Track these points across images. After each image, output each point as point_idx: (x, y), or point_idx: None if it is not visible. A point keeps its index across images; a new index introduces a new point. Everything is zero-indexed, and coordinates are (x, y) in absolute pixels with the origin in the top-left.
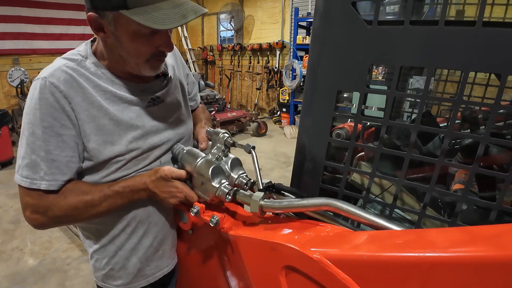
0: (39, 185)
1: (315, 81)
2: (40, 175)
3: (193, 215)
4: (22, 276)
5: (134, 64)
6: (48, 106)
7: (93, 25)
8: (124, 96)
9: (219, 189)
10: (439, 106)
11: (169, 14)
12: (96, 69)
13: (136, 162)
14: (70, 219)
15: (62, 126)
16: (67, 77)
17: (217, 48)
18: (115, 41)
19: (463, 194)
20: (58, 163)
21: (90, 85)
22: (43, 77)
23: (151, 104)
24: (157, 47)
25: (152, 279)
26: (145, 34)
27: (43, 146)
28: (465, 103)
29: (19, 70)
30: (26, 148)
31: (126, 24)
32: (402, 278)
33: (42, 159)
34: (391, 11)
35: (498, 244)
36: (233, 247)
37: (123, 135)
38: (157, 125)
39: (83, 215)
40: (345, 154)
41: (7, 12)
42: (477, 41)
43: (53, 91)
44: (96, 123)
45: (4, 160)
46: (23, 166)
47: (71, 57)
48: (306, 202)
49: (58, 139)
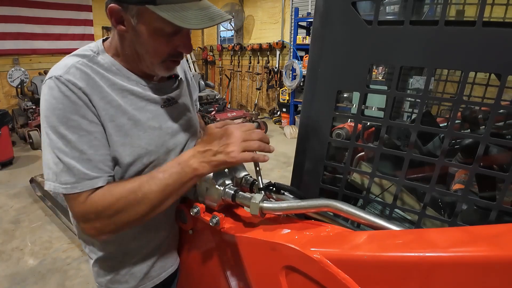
0: (82, 188)
1: (315, 81)
2: (80, 177)
3: (193, 215)
4: (22, 276)
5: (149, 63)
6: (71, 104)
7: (114, 17)
8: (141, 94)
9: (224, 192)
10: (439, 106)
11: (197, 15)
12: (110, 65)
13: (153, 168)
14: (125, 214)
15: (90, 123)
16: (82, 74)
17: (217, 48)
18: (134, 36)
19: (463, 194)
20: (95, 163)
21: (105, 83)
22: (58, 75)
23: (166, 105)
24: (176, 47)
25: (158, 280)
26: (166, 33)
27: (75, 146)
28: (465, 103)
29: (19, 70)
30: (56, 153)
31: (150, 20)
32: (402, 278)
33: (78, 160)
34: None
35: (498, 244)
36: (233, 247)
37: (142, 136)
38: (172, 127)
39: (137, 207)
40: (345, 154)
41: (7, 12)
42: (477, 41)
43: (72, 88)
44: (115, 123)
45: (4, 160)
46: (59, 173)
47: (82, 54)
48: (306, 204)
49: (90, 137)
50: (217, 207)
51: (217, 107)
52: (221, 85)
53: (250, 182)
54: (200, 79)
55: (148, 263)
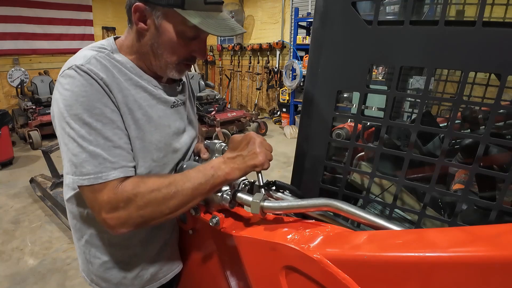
0: (107, 177)
1: (315, 81)
2: (106, 165)
3: (193, 215)
4: (22, 276)
5: (164, 63)
6: (95, 92)
7: (138, 14)
8: (153, 92)
9: (221, 197)
10: (439, 106)
11: (220, 24)
12: (124, 62)
13: (162, 166)
14: (155, 208)
15: (112, 111)
16: (102, 66)
17: (217, 48)
18: (155, 36)
19: (463, 194)
20: (120, 150)
21: (123, 77)
22: (80, 64)
23: (175, 105)
24: (192, 52)
25: (164, 280)
26: (187, 37)
27: (100, 134)
28: (465, 103)
29: (19, 70)
30: (79, 142)
31: (175, 23)
32: (402, 278)
33: (103, 148)
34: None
35: (498, 244)
36: (233, 247)
37: (154, 132)
38: (179, 127)
39: (169, 202)
40: (345, 154)
41: (7, 12)
42: (477, 41)
43: (95, 77)
44: (131, 116)
45: (4, 160)
46: (81, 163)
47: (99, 48)
48: (306, 203)
49: (113, 125)
50: (214, 212)
51: (217, 107)
52: (221, 85)
53: (249, 185)
54: (200, 79)
55: (154, 264)
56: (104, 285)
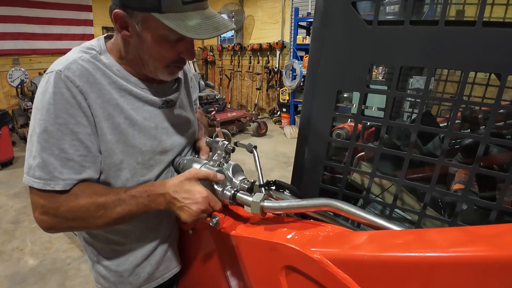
0: (54, 186)
1: (315, 81)
2: (54, 175)
3: None
4: (22, 276)
5: (152, 67)
6: (64, 102)
7: (118, 22)
8: (139, 95)
9: (222, 193)
10: (439, 106)
11: (202, 25)
12: (111, 65)
13: (149, 168)
14: (81, 223)
15: (77, 123)
16: (83, 71)
17: (217, 48)
18: (138, 42)
19: (463, 194)
20: (73, 163)
21: (106, 80)
22: (58, 70)
23: (164, 106)
24: (179, 53)
25: (162, 280)
26: (170, 40)
27: (57, 144)
28: (465, 103)
29: (19, 70)
30: (38, 146)
31: (155, 27)
32: (402, 278)
33: (56, 158)
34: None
35: (498, 244)
36: (233, 247)
37: (137, 136)
38: (168, 127)
39: (95, 220)
40: (345, 154)
41: (7, 12)
42: (477, 41)
43: (69, 86)
44: (111, 121)
45: (4, 160)
46: (35, 167)
47: (87, 50)
48: (306, 203)
49: (73, 137)
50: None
51: (217, 107)
52: (221, 85)
53: (249, 185)
54: (200, 79)
55: (152, 263)
56: (103, 282)
